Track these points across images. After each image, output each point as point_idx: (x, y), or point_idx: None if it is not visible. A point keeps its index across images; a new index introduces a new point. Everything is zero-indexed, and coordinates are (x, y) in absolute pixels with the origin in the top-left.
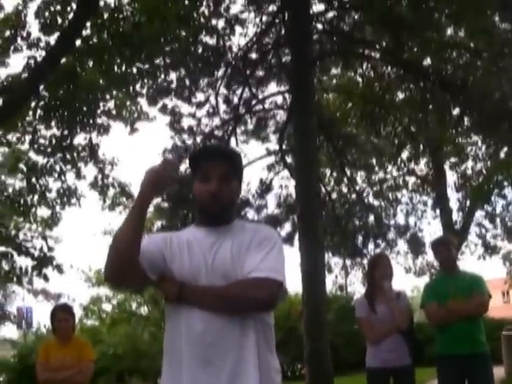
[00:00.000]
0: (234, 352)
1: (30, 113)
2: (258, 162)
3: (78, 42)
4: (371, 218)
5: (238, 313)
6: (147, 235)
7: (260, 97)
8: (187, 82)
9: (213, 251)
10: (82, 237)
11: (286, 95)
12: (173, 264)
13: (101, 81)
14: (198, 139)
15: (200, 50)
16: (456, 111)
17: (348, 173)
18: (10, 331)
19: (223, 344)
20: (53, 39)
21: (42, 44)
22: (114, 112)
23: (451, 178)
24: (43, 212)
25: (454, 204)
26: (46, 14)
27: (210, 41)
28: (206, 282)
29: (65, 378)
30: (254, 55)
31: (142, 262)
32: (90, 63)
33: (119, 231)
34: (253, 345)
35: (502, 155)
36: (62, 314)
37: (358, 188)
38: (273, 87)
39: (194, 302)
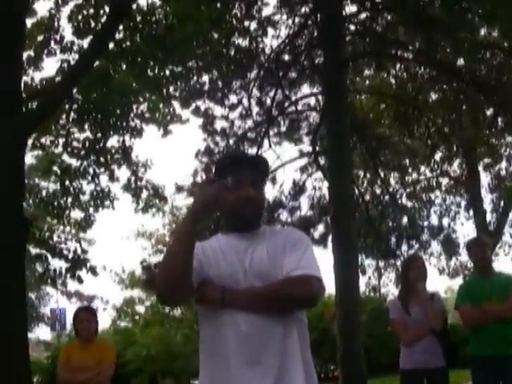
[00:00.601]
0: (279, 350)
1: (64, 116)
2: (291, 164)
3: (111, 45)
4: (405, 219)
5: (283, 310)
6: None
7: (293, 98)
8: (220, 84)
9: (248, 254)
10: (116, 239)
11: (319, 97)
12: (210, 270)
13: (134, 84)
14: (231, 141)
15: (232, 52)
16: (490, 112)
17: (381, 174)
18: (44, 333)
19: (269, 343)
20: (86, 43)
21: (75, 47)
22: (146, 115)
23: (485, 178)
24: (77, 214)
25: (487, 205)
26: (79, 17)
27: (243, 43)
28: (245, 285)
29: (84, 379)
30: (286, 57)
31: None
32: (123, 66)
33: (171, 253)
34: (296, 342)
35: None
36: (84, 315)
37: (391, 189)
38: (305, 89)
39: (237, 305)
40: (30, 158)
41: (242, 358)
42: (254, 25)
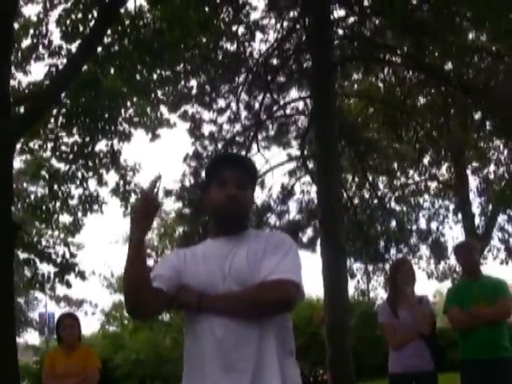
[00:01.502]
0: (255, 356)
1: (52, 120)
2: (280, 168)
3: (100, 50)
4: (393, 223)
5: (258, 315)
6: (162, 257)
7: (281, 103)
8: (208, 89)
9: (228, 260)
10: (104, 243)
11: (308, 101)
12: (189, 276)
13: (122, 88)
14: (220, 145)
15: (220, 57)
16: (478, 115)
17: (370, 178)
18: (33, 337)
19: (244, 348)
20: (74, 47)
21: (64, 52)
22: (135, 119)
23: (473, 182)
24: (65, 219)
25: (476, 209)
26: (67, 21)
27: (231, 47)
28: (223, 290)
29: None
30: (274, 61)
31: (163, 285)
32: (112, 70)
33: (126, 278)
34: (273, 348)
35: None
36: (67, 321)
37: (379, 193)
38: (294, 93)
39: (213, 310)
40: (18, 163)
41: (217, 365)
42: (242, 29)
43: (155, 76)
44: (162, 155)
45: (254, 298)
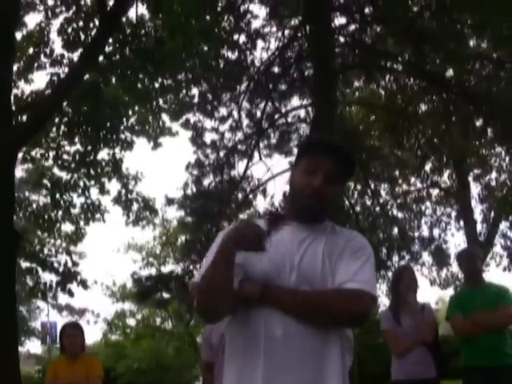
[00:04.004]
0: (314, 362)
1: (54, 129)
2: (282, 176)
3: (101, 58)
4: (395, 230)
5: (331, 324)
6: (211, 248)
7: (283, 111)
8: (210, 97)
9: (301, 250)
10: (106, 252)
11: (309, 109)
12: (251, 261)
13: (124, 96)
14: (221, 153)
15: (222, 65)
16: (479, 122)
17: (372, 185)
18: (35, 346)
19: (303, 352)
20: (76, 56)
21: (65, 61)
22: (137, 127)
23: (475, 189)
24: (67, 227)
25: (478, 216)
26: (69, 30)
27: (232, 55)
28: (288, 282)
29: None
30: (276, 69)
31: None
32: (113, 79)
33: (211, 279)
34: (336, 358)
35: None
36: (70, 330)
37: (381, 200)
38: (295, 101)
39: (277, 304)
40: (20, 171)
41: (274, 363)
42: (243, 37)
43: (157, 84)
44: (163, 164)
45: (328, 304)
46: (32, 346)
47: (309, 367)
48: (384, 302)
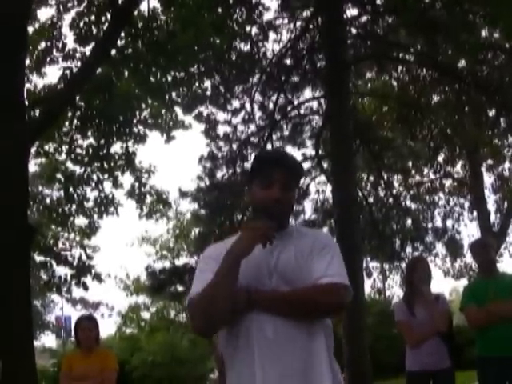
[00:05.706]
0: (305, 355)
1: (67, 123)
2: None
3: (113, 52)
4: (409, 221)
5: (313, 317)
6: (198, 263)
7: (295, 102)
8: (222, 90)
9: (274, 255)
10: (120, 245)
11: (322, 100)
12: None
13: (136, 90)
14: (234, 146)
15: (234, 57)
16: (492, 113)
17: (385, 177)
18: (50, 340)
19: (295, 348)
20: (88, 50)
21: (78, 55)
22: (149, 121)
23: (488, 179)
24: (81, 221)
25: (491, 206)
26: (81, 24)
27: (244, 48)
28: (270, 286)
29: None
30: (288, 61)
31: None
32: (126, 73)
33: (215, 289)
34: (323, 348)
35: None
36: (85, 324)
37: (394, 192)
38: (308, 93)
39: (264, 307)
40: (33, 166)
41: (268, 364)
42: (255, 29)
43: (169, 78)
44: (177, 157)
45: (307, 301)
46: (47, 340)
47: (299, 359)
48: (398, 293)
